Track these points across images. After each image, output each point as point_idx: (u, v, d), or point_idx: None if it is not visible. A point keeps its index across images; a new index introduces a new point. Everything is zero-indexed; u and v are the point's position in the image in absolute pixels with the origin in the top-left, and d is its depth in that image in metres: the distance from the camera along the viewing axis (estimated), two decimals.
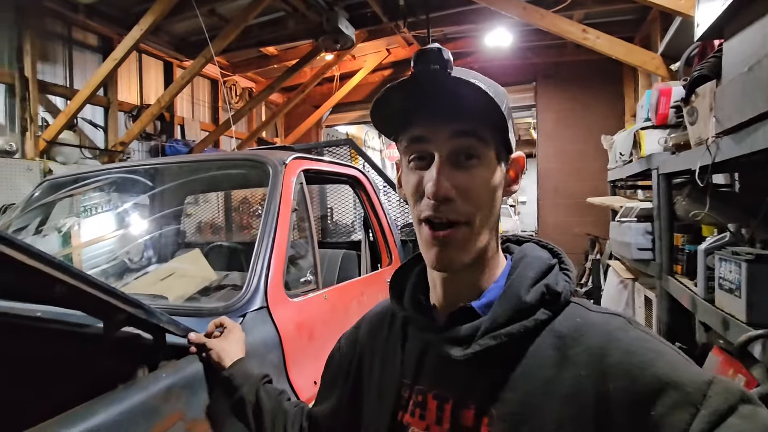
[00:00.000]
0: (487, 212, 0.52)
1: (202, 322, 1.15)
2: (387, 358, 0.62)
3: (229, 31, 4.17)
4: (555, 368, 0.47)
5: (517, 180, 0.56)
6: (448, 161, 0.50)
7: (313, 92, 6.71)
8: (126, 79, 5.11)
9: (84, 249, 2.45)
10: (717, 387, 0.41)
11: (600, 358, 0.45)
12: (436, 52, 0.48)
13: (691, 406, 0.40)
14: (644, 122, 2.18)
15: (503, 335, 0.49)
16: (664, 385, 0.42)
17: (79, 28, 4.56)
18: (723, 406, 0.40)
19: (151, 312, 0.92)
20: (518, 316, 0.50)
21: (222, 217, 3.44)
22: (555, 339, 0.49)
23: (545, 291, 0.51)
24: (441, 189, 0.49)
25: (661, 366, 0.43)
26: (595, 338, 0.47)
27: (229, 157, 2.07)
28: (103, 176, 2.01)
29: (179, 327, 0.98)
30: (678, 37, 2.61)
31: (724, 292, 1.27)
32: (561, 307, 0.51)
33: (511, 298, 0.51)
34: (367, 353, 0.66)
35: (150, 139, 5.34)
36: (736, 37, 1.18)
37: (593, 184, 4.99)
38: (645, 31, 4.46)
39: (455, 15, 4.44)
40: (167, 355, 1.01)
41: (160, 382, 0.89)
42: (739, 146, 1.13)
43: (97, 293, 0.82)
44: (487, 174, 0.51)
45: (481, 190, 0.51)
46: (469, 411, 0.50)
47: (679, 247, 1.78)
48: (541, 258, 0.55)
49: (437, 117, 0.51)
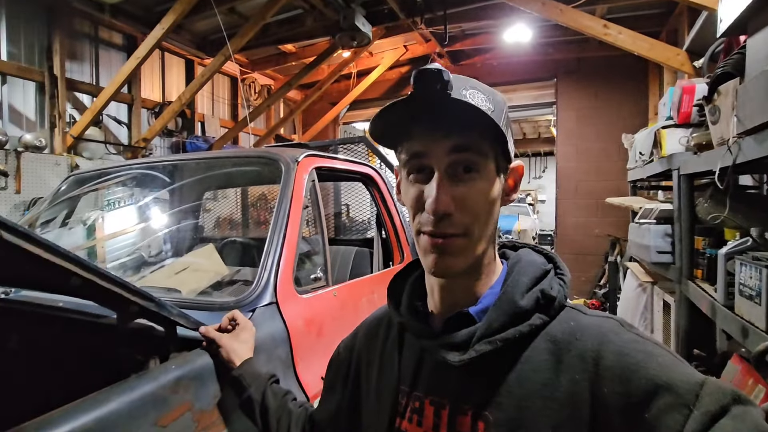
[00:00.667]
0: (485, 223, 0.53)
1: (213, 316, 1.18)
2: (384, 365, 0.62)
3: (247, 28, 4.23)
4: (550, 372, 0.48)
5: (515, 188, 0.57)
6: (446, 175, 0.51)
7: (330, 89, 6.73)
8: (149, 76, 5.24)
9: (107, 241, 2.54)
10: (709, 388, 0.41)
11: (594, 362, 0.46)
12: (436, 73, 0.48)
13: (684, 408, 0.40)
14: (666, 121, 2.11)
15: (498, 340, 0.50)
16: (656, 387, 0.42)
17: (105, 28, 4.70)
18: (715, 406, 0.40)
19: (161, 305, 0.94)
20: (513, 322, 0.50)
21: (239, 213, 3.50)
22: (549, 343, 0.49)
23: (540, 296, 0.51)
24: (441, 205, 0.50)
25: (653, 367, 0.43)
26: (588, 342, 0.48)
27: (243, 154, 2.11)
28: (125, 171, 2.08)
29: (189, 320, 1.01)
30: (704, 33, 2.50)
31: (743, 298, 1.23)
32: (556, 311, 0.52)
33: (507, 303, 0.51)
34: (365, 359, 0.67)
35: (171, 135, 5.47)
36: (761, 33, 1.13)
37: (615, 184, 4.86)
38: (672, 25, 4.30)
39: (473, 11, 4.38)
40: (178, 347, 1.04)
41: (170, 373, 0.92)
42: (761, 147, 1.09)
43: (109, 286, 0.85)
44: (485, 186, 0.52)
45: (479, 203, 0.52)
46: (466, 417, 0.51)
47: (700, 251, 1.72)
48: (535, 263, 0.56)
49: (436, 132, 0.51)
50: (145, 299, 0.92)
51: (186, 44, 5.25)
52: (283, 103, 7.37)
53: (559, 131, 5.70)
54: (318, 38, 5.10)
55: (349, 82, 6.63)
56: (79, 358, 1.19)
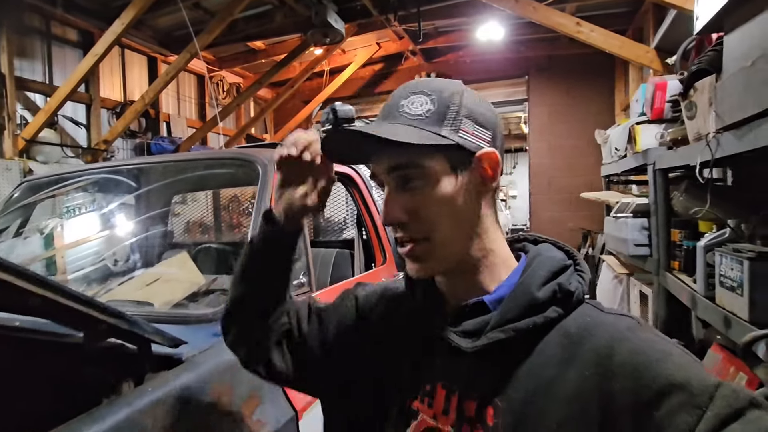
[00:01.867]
0: (449, 224, 0.53)
1: (191, 330, 1.10)
2: (399, 343, 0.61)
3: (214, 25, 4.07)
4: (561, 366, 0.48)
5: (494, 176, 0.55)
6: (396, 187, 0.54)
7: (303, 87, 6.61)
8: (108, 75, 4.97)
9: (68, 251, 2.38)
10: (724, 390, 0.40)
11: (606, 358, 0.45)
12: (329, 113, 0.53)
13: (697, 408, 0.40)
14: (639, 117, 2.16)
15: (512, 330, 0.50)
16: (670, 386, 0.41)
17: (58, 23, 4.41)
18: (729, 409, 0.39)
19: (133, 322, 0.86)
20: (528, 312, 0.50)
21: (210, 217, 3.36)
22: (563, 338, 0.49)
23: (557, 289, 0.51)
24: (388, 217, 0.53)
25: (667, 367, 0.43)
26: (602, 338, 0.47)
27: (216, 155, 2.01)
28: (86, 176, 1.95)
29: (165, 337, 0.93)
30: (672, 31, 2.59)
31: (725, 289, 1.26)
32: (573, 306, 0.51)
33: (523, 294, 0.51)
34: (380, 331, 0.64)
35: (135, 136, 5.21)
36: (738, 31, 1.16)
37: (587, 179, 5.00)
38: (638, 23, 4.45)
39: (447, 8, 4.38)
40: (154, 366, 0.96)
41: (146, 396, 0.84)
42: (741, 142, 1.11)
43: (72, 304, 0.76)
44: (434, 191, 0.52)
45: (431, 208, 0.52)
46: (474, 403, 0.51)
47: (677, 243, 1.76)
48: (555, 258, 0.55)
49: (374, 154, 0.54)
50: (114, 317, 0.84)
51: (148, 41, 5.01)
52: (254, 102, 7.17)
53: (531, 128, 5.81)
54: (288, 35, 4.98)
55: (322, 79, 6.53)
56: (41, 383, 1.09)
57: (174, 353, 0.98)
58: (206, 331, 1.12)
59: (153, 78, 5.30)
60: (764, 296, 1.08)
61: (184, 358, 0.99)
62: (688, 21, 2.28)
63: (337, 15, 4.15)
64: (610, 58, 5.01)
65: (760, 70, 0.98)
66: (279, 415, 1.08)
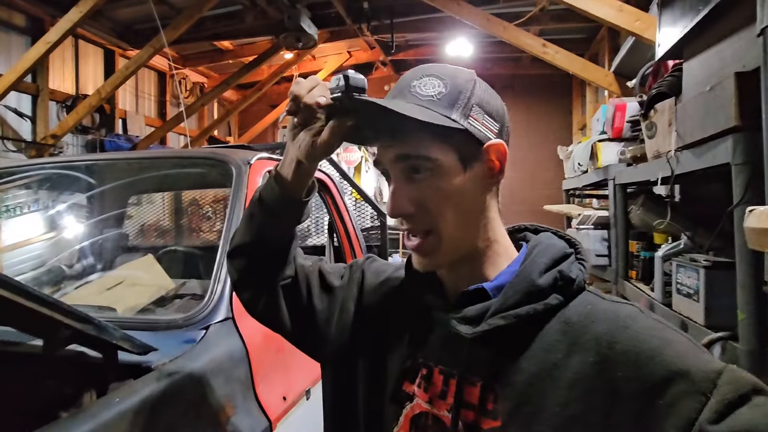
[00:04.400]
0: (455, 217, 0.52)
1: (159, 337, 1.03)
2: (399, 326, 0.61)
3: (181, 21, 3.93)
4: (562, 353, 0.48)
5: (501, 168, 0.55)
6: (401, 177, 0.53)
7: (270, 91, 6.49)
8: (59, 65, 4.65)
9: (5, 254, 2.17)
10: (727, 376, 0.41)
11: (608, 345, 0.46)
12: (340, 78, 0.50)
13: (701, 395, 0.40)
14: (600, 135, 2.30)
15: (512, 316, 0.49)
16: (672, 373, 0.41)
17: (4, 6, 4.09)
18: (733, 395, 0.39)
19: (102, 327, 0.80)
20: (529, 299, 0.50)
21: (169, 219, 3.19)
22: (564, 325, 0.49)
23: (558, 276, 0.51)
24: (395, 209, 0.52)
25: (669, 354, 0.43)
26: (604, 325, 0.47)
27: (186, 154, 1.92)
28: (31, 172, 1.79)
29: (136, 343, 0.87)
30: (629, 57, 2.80)
31: (681, 296, 1.35)
32: (574, 294, 0.51)
33: (523, 281, 0.51)
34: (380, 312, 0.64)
35: (87, 132, 4.89)
36: (696, 58, 1.27)
37: (547, 192, 5.23)
38: (594, 49, 4.77)
39: (419, 22, 4.48)
40: (119, 375, 0.89)
41: (112, 407, 0.77)
42: (699, 160, 1.20)
43: (35, 307, 0.69)
44: (442, 183, 0.51)
45: (438, 200, 0.52)
46: (475, 387, 0.51)
47: (634, 254, 1.88)
48: (556, 246, 0.55)
49: (382, 140, 0.53)
50: (81, 321, 0.77)
51: (106, 32, 4.74)
52: (218, 103, 6.96)
53: None
54: (259, 37, 4.89)
55: (290, 84, 6.44)
56: None
57: (142, 361, 0.92)
58: (177, 337, 1.05)
59: (109, 72, 5.02)
60: (719, 302, 1.17)
61: (153, 366, 0.92)
62: (644, 48, 2.47)
63: (310, 21, 4.13)
64: (567, 79, 5.33)
65: (718, 95, 1.07)
66: (253, 425, 1.03)
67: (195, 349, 1.02)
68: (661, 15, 1.49)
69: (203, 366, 1.01)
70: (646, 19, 2.45)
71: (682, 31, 1.29)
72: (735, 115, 0.99)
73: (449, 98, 0.51)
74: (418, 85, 0.52)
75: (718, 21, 1.19)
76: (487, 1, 3.99)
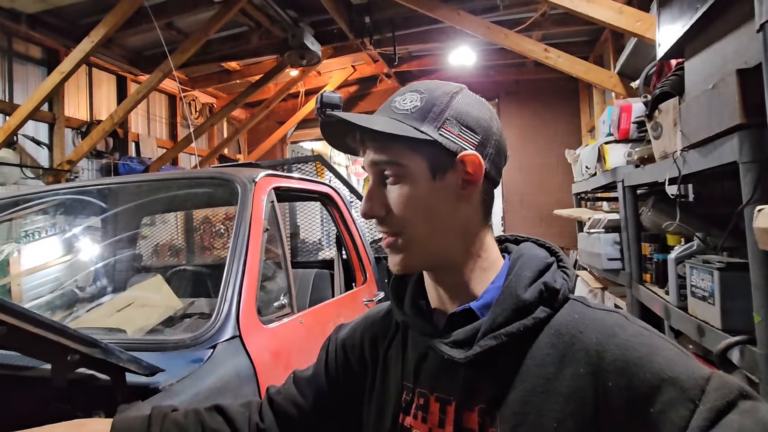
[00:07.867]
0: (423, 223, 0.53)
1: (168, 357, 1.04)
2: (389, 363, 0.61)
3: (188, 45, 4.04)
4: (554, 366, 0.48)
5: (476, 180, 0.54)
6: (377, 180, 0.55)
7: (278, 108, 6.60)
8: (74, 93, 4.81)
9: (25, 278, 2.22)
10: (715, 382, 0.41)
11: (597, 355, 0.46)
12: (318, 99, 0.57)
13: (690, 402, 0.40)
14: (607, 137, 2.27)
15: (503, 335, 0.49)
16: (661, 381, 0.42)
17: (21, 40, 4.26)
18: (721, 402, 0.39)
19: (108, 350, 0.81)
20: (517, 316, 0.50)
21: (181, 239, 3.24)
22: (554, 337, 0.49)
23: (543, 289, 0.51)
24: (366, 210, 0.55)
25: (658, 362, 0.43)
26: (592, 335, 0.48)
27: (192, 175, 1.96)
28: (47, 197, 1.84)
29: (142, 365, 0.88)
30: (633, 57, 2.78)
31: (696, 299, 1.31)
32: (560, 304, 0.51)
33: (510, 297, 0.51)
34: (369, 355, 0.64)
35: (101, 156, 5.02)
36: (698, 57, 1.25)
37: (556, 197, 5.17)
38: (598, 51, 4.74)
39: (421, 33, 4.52)
40: (128, 397, 0.90)
41: None
42: (706, 159, 1.18)
43: (43, 333, 0.71)
44: (411, 191, 0.53)
45: (406, 207, 0.53)
46: (473, 413, 0.51)
47: (648, 257, 1.83)
48: (538, 256, 0.55)
49: (360, 147, 0.56)
50: (87, 345, 0.78)
51: (117, 59, 4.89)
52: (227, 122, 7.09)
53: None
54: (264, 56, 4.99)
55: (297, 100, 6.54)
56: None
57: (150, 382, 0.92)
58: (185, 357, 1.06)
59: (122, 97, 5.16)
60: (735, 304, 1.13)
61: (161, 387, 0.93)
62: (647, 49, 2.45)
63: (313, 38, 4.20)
64: (573, 82, 5.29)
65: (721, 93, 1.05)
66: None
67: (202, 369, 1.03)
68: (659, 14, 1.48)
69: (210, 385, 1.01)
70: (646, 19, 2.44)
71: (682, 29, 1.27)
72: (739, 112, 0.97)
73: (421, 111, 0.53)
74: (399, 100, 0.55)
75: (717, 18, 1.17)
76: (487, 10, 4.02)
